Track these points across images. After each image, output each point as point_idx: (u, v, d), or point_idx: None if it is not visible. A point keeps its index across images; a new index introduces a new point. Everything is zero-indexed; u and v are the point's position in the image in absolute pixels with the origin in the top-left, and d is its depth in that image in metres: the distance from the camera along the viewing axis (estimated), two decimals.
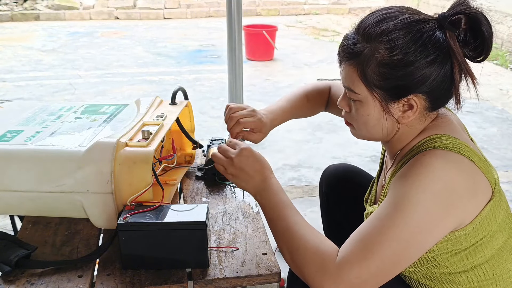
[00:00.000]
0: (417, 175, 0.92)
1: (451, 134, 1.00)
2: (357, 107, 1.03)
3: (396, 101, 0.99)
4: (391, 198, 0.94)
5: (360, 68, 0.98)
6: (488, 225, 0.98)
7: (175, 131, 1.45)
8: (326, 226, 1.58)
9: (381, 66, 0.96)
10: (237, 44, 3.27)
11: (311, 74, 5.09)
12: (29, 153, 1.17)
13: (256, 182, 1.05)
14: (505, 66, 5.38)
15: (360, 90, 1.00)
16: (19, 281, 1.01)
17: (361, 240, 0.92)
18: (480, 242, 0.98)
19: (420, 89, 0.96)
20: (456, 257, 0.99)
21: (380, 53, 0.95)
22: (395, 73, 0.95)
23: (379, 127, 1.03)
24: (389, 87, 0.97)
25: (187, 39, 6.76)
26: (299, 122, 3.82)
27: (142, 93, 4.51)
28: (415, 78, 0.95)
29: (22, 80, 4.94)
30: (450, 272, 1.01)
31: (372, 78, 0.97)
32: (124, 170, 1.09)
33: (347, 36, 1.02)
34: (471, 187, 0.95)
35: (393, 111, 1.00)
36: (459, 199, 0.93)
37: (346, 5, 8.85)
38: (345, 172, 1.52)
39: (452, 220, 0.94)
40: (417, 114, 1.00)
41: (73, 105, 1.48)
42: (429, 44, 0.94)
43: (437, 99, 1.00)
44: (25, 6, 8.27)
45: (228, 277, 1.03)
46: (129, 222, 1.00)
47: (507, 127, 3.74)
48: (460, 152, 0.95)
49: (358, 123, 1.06)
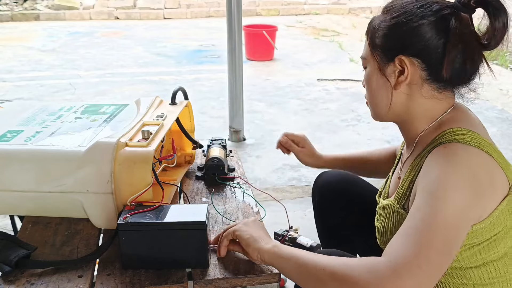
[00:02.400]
0: (447, 164, 0.94)
1: (470, 128, 1.01)
2: (365, 74, 1.12)
3: (390, 63, 1.05)
4: (425, 190, 0.94)
5: (369, 34, 1.09)
6: (504, 221, 0.98)
7: (175, 131, 1.45)
8: (320, 232, 1.58)
9: (382, 28, 1.06)
10: (237, 44, 3.28)
11: (311, 74, 5.08)
12: (29, 153, 1.17)
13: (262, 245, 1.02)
14: (505, 66, 5.39)
15: (366, 54, 1.10)
16: (19, 281, 1.01)
17: (410, 237, 0.89)
18: (494, 238, 0.98)
19: (411, 49, 1.01)
20: (469, 251, 0.99)
21: (385, 17, 1.06)
22: (391, 33, 1.04)
23: (380, 94, 1.08)
24: (385, 47, 1.05)
25: (187, 39, 6.76)
26: (299, 122, 3.82)
27: (142, 93, 4.50)
28: (405, 38, 1.02)
29: (22, 80, 4.94)
30: (462, 267, 1.00)
31: (375, 40, 1.07)
32: (124, 170, 1.09)
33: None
34: (492, 180, 0.96)
35: (387, 74, 1.06)
36: (483, 189, 0.94)
37: (346, 5, 8.85)
38: (339, 182, 1.51)
39: (479, 209, 0.94)
40: (410, 81, 1.03)
41: (73, 105, 1.48)
42: (426, 11, 1.00)
43: (435, 70, 1.01)
44: (25, 6, 8.27)
45: (228, 277, 1.03)
46: (129, 222, 1.00)
47: (507, 127, 3.74)
48: (480, 147, 0.96)
49: (367, 93, 1.13)
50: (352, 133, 3.61)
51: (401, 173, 1.16)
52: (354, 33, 7.22)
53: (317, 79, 4.91)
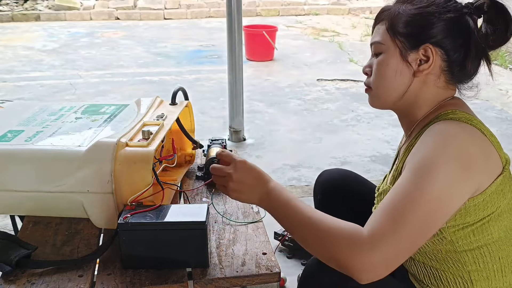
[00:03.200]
0: (434, 140, 0.96)
1: (467, 111, 1.04)
2: (379, 60, 1.10)
3: (415, 49, 1.05)
4: (411, 165, 0.96)
5: (389, 20, 1.09)
6: (497, 200, 0.99)
7: (175, 131, 1.45)
8: None
9: (406, 15, 1.06)
10: (237, 44, 3.28)
11: (311, 74, 5.08)
12: (29, 153, 1.17)
13: (260, 189, 1.05)
14: (504, 66, 5.39)
15: (385, 40, 1.09)
16: (19, 281, 1.01)
17: (389, 209, 0.92)
18: (488, 219, 0.99)
19: (437, 39, 1.04)
20: (462, 231, 0.99)
21: (408, 6, 1.07)
22: (417, 20, 1.05)
23: (395, 80, 1.08)
24: (410, 34, 1.06)
25: (187, 39, 6.76)
26: (299, 122, 3.82)
27: (142, 93, 4.50)
28: (434, 27, 1.04)
29: (23, 80, 4.94)
30: (456, 250, 1.01)
31: (397, 26, 1.07)
32: (124, 170, 1.09)
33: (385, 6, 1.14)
34: (484, 155, 0.98)
35: (410, 60, 1.06)
36: (475, 163, 0.95)
37: (346, 6, 8.85)
38: (340, 180, 1.51)
39: (471, 184, 0.95)
40: (432, 69, 1.05)
41: (73, 105, 1.48)
42: (451, 5, 1.05)
43: (453, 63, 1.05)
44: (25, 7, 8.28)
45: (228, 277, 1.03)
46: (129, 222, 1.01)
47: (507, 127, 3.74)
48: (473, 124, 0.99)
49: (376, 79, 1.11)
50: (352, 133, 3.61)
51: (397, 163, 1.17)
52: (354, 33, 7.22)
53: (317, 79, 4.91)
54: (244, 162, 1.06)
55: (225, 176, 1.06)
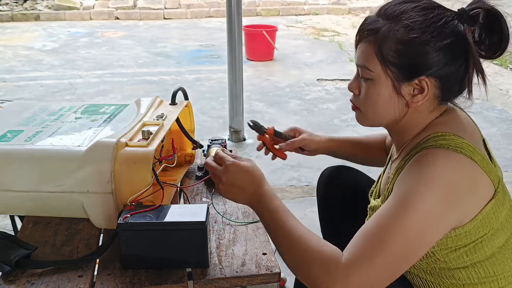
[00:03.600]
0: (420, 173, 0.93)
1: (456, 132, 1.00)
2: (368, 86, 1.03)
3: (408, 81, 0.99)
4: (395, 195, 0.95)
5: (377, 44, 0.99)
6: (490, 224, 0.98)
7: (175, 131, 1.45)
8: (324, 229, 1.58)
9: (398, 43, 0.97)
10: (237, 44, 3.28)
11: (311, 74, 5.08)
12: (29, 153, 1.17)
13: (250, 193, 1.03)
14: (505, 66, 5.38)
15: (374, 67, 1.00)
16: (19, 281, 1.01)
17: (367, 238, 0.91)
18: (481, 240, 0.98)
19: (433, 71, 0.97)
20: (455, 253, 0.99)
21: (399, 30, 0.97)
22: (411, 50, 0.97)
23: (387, 109, 1.03)
24: (403, 65, 0.98)
25: (187, 39, 6.76)
26: (299, 122, 3.82)
27: (142, 93, 4.50)
28: (429, 58, 0.96)
29: (23, 80, 4.94)
30: (450, 268, 1.01)
31: (388, 54, 0.98)
32: (124, 170, 1.09)
33: (368, 17, 1.05)
34: (472, 186, 0.95)
35: (403, 93, 1.00)
36: (460, 197, 0.94)
37: (346, 5, 8.84)
38: (343, 176, 1.51)
39: (454, 217, 0.94)
40: (426, 100, 1.00)
41: (73, 105, 1.48)
42: (447, 29, 0.96)
43: (448, 89, 1.01)
44: (25, 6, 8.27)
45: (228, 277, 1.03)
46: (129, 222, 1.01)
47: (507, 127, 3.74)
48: (463, 152, 0.95)
49: (366, 105, 1.06)
50: (352, 133, 3.61)
51: (390, 172, 1.16)
52: (354, 33, 7.17)
53: (317, 79, 4.91)
54: (236, 164, 1.03)
55: (217, 177, 1.06)
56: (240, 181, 1.03)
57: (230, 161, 1.04)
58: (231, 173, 1.03)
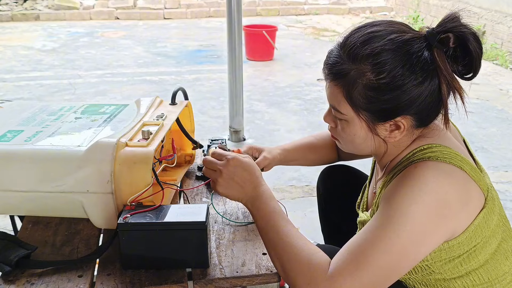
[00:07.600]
0: (410, 187, 0.92)
1: (441, 142, 0.99)
2: (343, 126, 1.03)
3: (383, 122, 0.98)
4: (383, 210, 0.93)
5: (346, 89, 0.97)
6: (482, 232, 0.97)
7: (175, 131, 1.45)
8: (324, 227, 1.58)
9: (368, 89, 0.94)
10: (237, 44, 3.28)
11: (311, 74, 5.08)
12: (29, 153, 1.17)
13: (247, 191, 1.04)
14: (505, 66, 5.38)
15: (346, 111, 0.99)
16: (19, 281, 1.01)
17: (353, 252, 0.91)
18: (474, 249, 0.98)
19: (408, 111, 0.96)
20: (450, 264, 0.99)
21: (367, 76, 0.94)
22: (382, 96, 0.94)
23: (366, 145, 1.04)
24: (376, 110, 0.96)
25: (187, 39, 6.76)
26: (299, 122, 3.82)
27: (142, 93, 4.50)
28: (402, 101, 0.94)
29: (22, 80, 4.94)
30: (445, 279, 1.01)
31: (359, 100, 0.96)
32: (124, 170, 1.09)
33: (332, 53, 1.01)
34: (463, 198, 0.94)
35: (379, 132, 1.00)
36: (451, 210, 0.92)
37: (346, 5, 8.84)
38: (342, 174, 1.51)
39: (444, 231, 0.94)
40: (403, 135, 1.00)
41: (73, 105, 1.48)
42: (417, 67, 0.92)
43: (425, 118, 1.00)
44: (25, 6, 8.27)
45: (228, 277, 1.03)
46: (129, 222, 1.00)
47: (507, 127, 3.73)
48: (452, 162, 0.94)
49: (344, 140, 1.07)
50: None
51: (376, 188, 1.15)
52: None
53: (317, 79, 4.90)
54: (237, 159, 1.05)
55: (216, 171, 1.06)
56: (238, 177, 1.04)
57: (231, 156, 1.05)
58: (232, 167, 1.04)
